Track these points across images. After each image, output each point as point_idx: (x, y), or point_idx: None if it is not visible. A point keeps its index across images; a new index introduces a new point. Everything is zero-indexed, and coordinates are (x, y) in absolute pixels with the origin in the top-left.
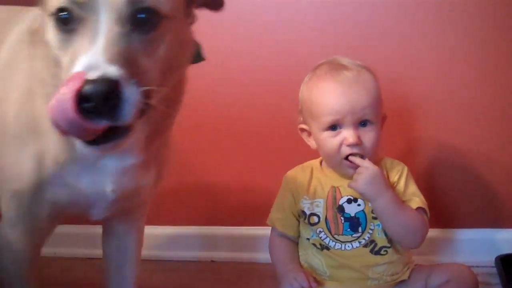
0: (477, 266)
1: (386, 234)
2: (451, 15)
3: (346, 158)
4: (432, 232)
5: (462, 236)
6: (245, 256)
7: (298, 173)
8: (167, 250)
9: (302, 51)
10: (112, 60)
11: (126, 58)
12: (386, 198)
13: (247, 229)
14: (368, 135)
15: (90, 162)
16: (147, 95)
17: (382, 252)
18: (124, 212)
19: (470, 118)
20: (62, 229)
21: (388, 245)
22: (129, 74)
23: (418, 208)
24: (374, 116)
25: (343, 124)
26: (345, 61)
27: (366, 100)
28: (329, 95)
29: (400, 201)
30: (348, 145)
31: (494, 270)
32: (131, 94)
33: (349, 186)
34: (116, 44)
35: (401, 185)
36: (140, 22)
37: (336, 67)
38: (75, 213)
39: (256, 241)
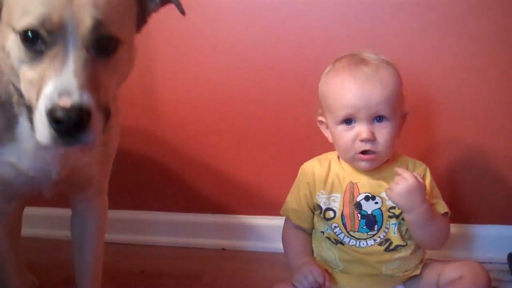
0: (490, 262)
1: (401, 233)
2: (475, 9)
3: (361, 152)
4: None
5: (476, 232)
6: (256, 245)
7: (315, 166)
8: (178, 237)
9: (320, 44)
10: (83, 86)
11: (93, 82)
12: (420, 212)
13: (259, 219)
14: (383, 132)
15: (31, 147)
16: (106, 109)
17: (397, 250)
18: (74, 189)
19: (488, 115)
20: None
21: (403, 243)
22: (95, 97)
23: (444, 213)
24: (390, 112)
25: (357, 119)
26: (366, 55)
27: (381, 96)
28: (344, 89)
29: (433, 212)
30: (361, 140)
31: (507, 266)
32: (99, 122)
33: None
34: (85, 69)
35: (427, 185)
36: (102, 47)
37: (356, 61)
38: (24, 192)
39: (267, 230)
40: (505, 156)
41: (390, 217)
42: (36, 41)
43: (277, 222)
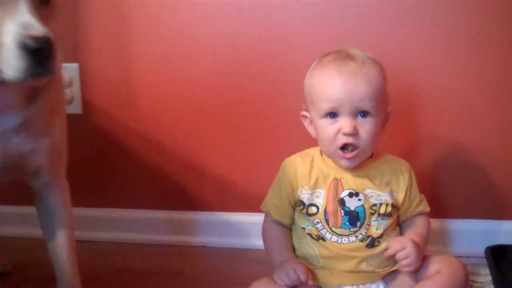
0: (468, 257)
1: (383, 230)
2: (457, 8)
3: (341, 148)
4: None
5: (455, 226)
6: (236, 241)
7: (297, 162)
8: (157, 234)
9: (306, 40)
10: (40, 22)
11: (42, 22)
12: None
13: (239, 215)
14: (366, 127)
15: None
16: None
17: (375, 243)
18: (26, 177)
19: (469, 113)
20: None
21: (383, 237)
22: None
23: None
24: (374, 108)
25: (341, 113)
26: (353, 51)
27: (366, 91)
28: (329, 83)
29: (423, 233)
30: (344, 134)
31: (484, 260)
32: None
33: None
34: (34, 9)
35: (414, 188)
36: None
37: (342, 56)
38: None
39: (247, 227)
40: (484, 152)
41: (372, 214)
42: None
43: (257, 218)
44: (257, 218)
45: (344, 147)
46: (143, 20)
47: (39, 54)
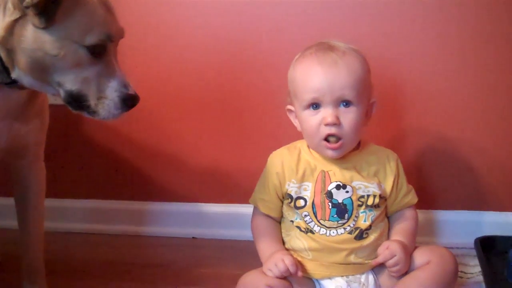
0: (457, 248)
1: (371, 222)
2: (450, 2)
3: (326, 140)
4: None
5: (444, 217)
6: (226, 233)
7: (284, 155)
8: (149, 226)
9: (295, 34)
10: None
11: None
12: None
13: (229, 207)
14: (348, 116)
15: None
16: None
17: (364, 235)
18: (14, 155)
19: (457, 105)
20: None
21: (370, 228)
22: None
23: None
24: (356, 97)
25: (323, 103)
26: (335, 43)
27: (347, 80)
28: (311, 73)
29: (412, 229)
30: (326, 125)
31: (473, 251)
32: None
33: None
34: None
35: (401, 178)
36: None
37: (324, 48)
38: None
39: (237, 218)
40: (472, 144)
41: (359, 205)
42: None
43: (247, 210)
44: (247, 210)
45: (327, 139)
46: (130, 14)
47: (132, 105)
